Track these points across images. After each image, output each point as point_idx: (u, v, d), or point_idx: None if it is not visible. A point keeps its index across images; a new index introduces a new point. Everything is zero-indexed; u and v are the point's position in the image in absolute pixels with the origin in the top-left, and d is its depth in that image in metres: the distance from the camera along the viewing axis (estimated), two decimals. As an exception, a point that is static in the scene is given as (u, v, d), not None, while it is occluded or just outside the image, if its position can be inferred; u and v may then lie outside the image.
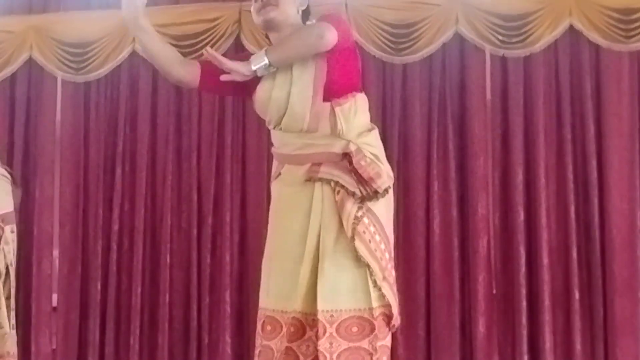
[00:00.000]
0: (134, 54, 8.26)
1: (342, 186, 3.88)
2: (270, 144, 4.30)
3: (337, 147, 3.94)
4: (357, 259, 3.84)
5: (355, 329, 3.83)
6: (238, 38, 8.17)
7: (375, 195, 3.85)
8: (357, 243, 3.82)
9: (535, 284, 7.60)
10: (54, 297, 8.24)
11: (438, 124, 7.91)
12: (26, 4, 8.65)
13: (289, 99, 3.94)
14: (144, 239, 8.20)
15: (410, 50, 7.89)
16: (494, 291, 7.68)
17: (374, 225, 3.85)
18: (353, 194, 3.85)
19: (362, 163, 3.87)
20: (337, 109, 3.94)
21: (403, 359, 7.72)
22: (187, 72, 4.10)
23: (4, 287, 4.67)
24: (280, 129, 4.05)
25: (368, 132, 4.03)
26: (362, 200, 3.84)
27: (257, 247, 7.71)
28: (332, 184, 3.89)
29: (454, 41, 7.88)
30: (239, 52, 7.95)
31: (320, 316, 3.83)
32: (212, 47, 7.92)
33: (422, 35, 7.89)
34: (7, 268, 4.56)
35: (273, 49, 3.82)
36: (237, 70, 3.71)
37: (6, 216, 4.66)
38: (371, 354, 3.78)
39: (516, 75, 7.84)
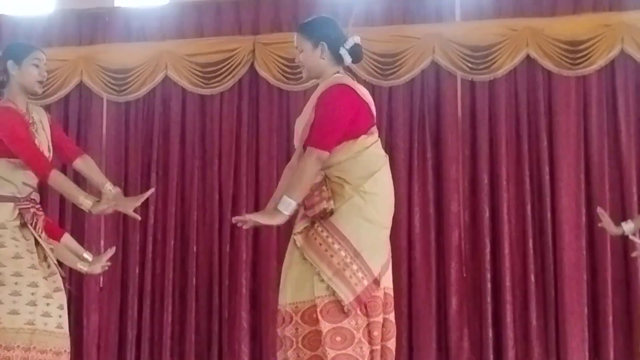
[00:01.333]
0: (166, 79, 8.34)
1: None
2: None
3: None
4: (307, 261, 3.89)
5: (313, 316, 3.83)
6: (252, 65, 8.21)
7: (316, 217, 3.87)
8: (308, 250, 3.86)
9: (498, 269, 7.67)
10: (101, 279, 8.20)
11: (418, 136, 7.96)
12: (77, 37, 8.67)
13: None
14: (175, 231, 8.22)
15: (394, 75, 7.96)
16: (464, 275, 7.74)
17: (328, 233, 3.86)
18: (304, 217, 3.92)
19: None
20: None
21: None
22: None
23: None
24: None
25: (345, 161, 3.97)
26: (313, 219, 3.87)
27: (268, 239, 8.01)
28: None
29: (431, 68, 7.95)
30: (252, 80, 8.17)
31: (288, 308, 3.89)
32: (229, 73, 8.16)
33: (404, 63, 7.95)
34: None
35: (292, 191, 3.80)
36: (272, 223, 3.86)
37: None
38: (320, 332, 3.77)
39: (482, 97, 7.91)
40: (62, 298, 4.38)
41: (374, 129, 4.02)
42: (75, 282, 7.91)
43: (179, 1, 9.00)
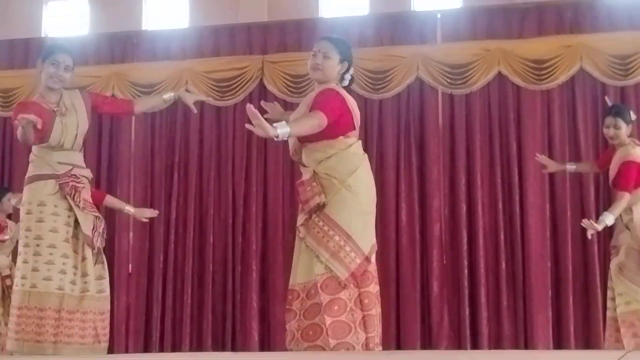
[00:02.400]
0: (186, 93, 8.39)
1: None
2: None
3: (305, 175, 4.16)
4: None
5: (312, 292, 4.02)
6: (261, 81, 8.25)
7: (312, 210, 4.04)
8: (308, 237, 4.06)
9: (474, 257, 7.72)
10: (130, 266, 8.26)
11: (404, 142, 8.00)
12: (109, 56, 8.71)
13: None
14: (194, 225, 8.22)
15: (384, 89, 8.01)
16: (444, 262, 7.79)
17: (324, 222, 4.03)
18: (302, 210, 4.12)
19: (300, 189, 4.11)
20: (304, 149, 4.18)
21: (381, 312, 7.73)
22: None
23: (96, 261, 4.50)
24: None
25: (328, 158, 4.11)
26: (310, 212, 4.05)
27: (275, 231, 8.08)
28: None
29: (416, 83, 7.99)
30: (261, 94, 8.14)
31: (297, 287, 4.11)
32: (241, 88, 8.24)
33: (392, 79, 8.00)
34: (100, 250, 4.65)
35: (293, 126, 3.84)
36: (266, 130, 3.67)
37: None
38: (320, 305, 3.96)
39: (460, 108, 7.96)
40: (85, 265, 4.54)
41: (353, 133, 4.17)
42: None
43: (197, 25, 9.12)
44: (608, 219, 5.49)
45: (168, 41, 8.68)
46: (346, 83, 4.27)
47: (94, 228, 4.51)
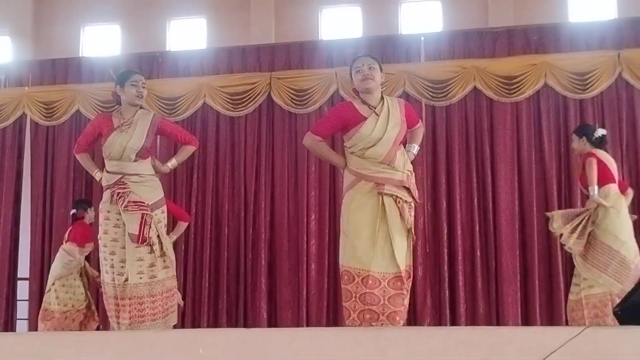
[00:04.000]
0: (204, 105, 8.32)
1: (401, 199, 3.98)
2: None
3: (398, 176, 3.99)
4: (408, 238, 4.02)
5: (398, 283, 3.95)
6: (269, 95, 8.20)
7: (415, 202, 4.10)
8: (411, 228, 4.02)
9: (453, 246, 7.72)
10: None
11: None
12: None
13: (381, 139, 3.97)
14: (211, 218, 8.19)
15: None
16: (427, 251, 7.78)
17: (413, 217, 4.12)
18: (408, 203, 4.01)
19: (412, 186, 4.06)
20: (400, 153, 4.07)
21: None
22: None
23: (161, 249, 4.43)
24: (363, 156, 4.01)
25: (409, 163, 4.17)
26: (410, 205, 4.04)
27: (281, 223, 8.04)
28: (394, 197, 3.96)
29: (403, 96, 7.87)
30: (269, 106, 8.17)
31: (402, 272, 3.95)
32: (251, 100, 8.17)
33: (383, 93, 8.07)
34: (158, 237, 4.45)
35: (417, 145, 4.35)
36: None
37: (156, 204, 4.54)
38: (403, 296, 4.00)
39: (441, 118, 7.95)
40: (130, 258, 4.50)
41: None
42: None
43: (214, 46, 9.17)
44: None
45: (188, 60, 8.68)
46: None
47: (142, 224, 4.44)
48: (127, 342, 3.03)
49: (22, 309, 8.61)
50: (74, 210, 7.41)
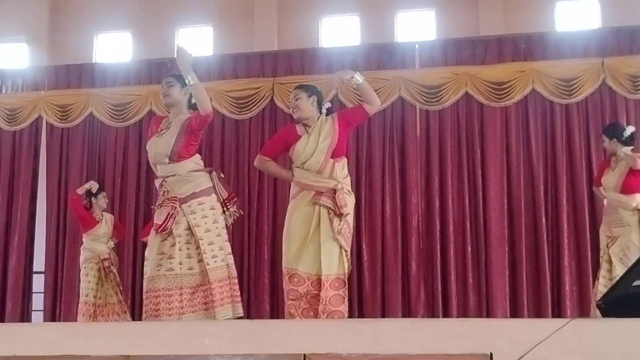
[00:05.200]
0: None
1: (332, 209, 4.21)
2: (288, 167, 4.57)
3: (332, 184, 4.23)
4: (337, 244, 4.18)
5: (336, 284, 4.14)
6: (272, 99, 8.19)
7: (340, 215, 4.19)
8: (339, 236, 4.17)
9: (445, 242, 7.71)
10: None
11: (388, 149, 7.98)
12: (147, 79, 8.61)
13: (315, 151, 4.25)
14: None
15: None
16: (421, 247, 7.76)
17: (347, 226, 4.24)
18: (335, 213, 4.18)
19: (340, 197, 4.20)
20: (336, 164, 4.31)
21: (368, 288, 7.74)
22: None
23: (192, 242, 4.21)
24: (303, 168, 4.30)
25: (345, 178, 4.36)
26: (339, 216, 4.17)
27: (282, 221, 7.72)
28: (327, 209, 4.22)
29: (398, 101, 7.97)
30: (272, 110, 8.17)
31: (322, 277, 4.15)
32: (255, 104, 8.16)
33: (379, 97, 7.76)
34: (189, 229, 4.20)
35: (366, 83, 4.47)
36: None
37: (190, 196, 4.27)
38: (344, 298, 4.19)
39: (434, 121, 7.93)
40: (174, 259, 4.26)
41: None
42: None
43: (220, 53, 9.16)
44: None
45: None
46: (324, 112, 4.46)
47: (168, 216, 4.20)
48: (135, 332, 3.02)
49: (38, 301, 8.62)
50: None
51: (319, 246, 4.20)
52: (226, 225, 4.41)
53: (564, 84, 7.67)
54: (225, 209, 4.38)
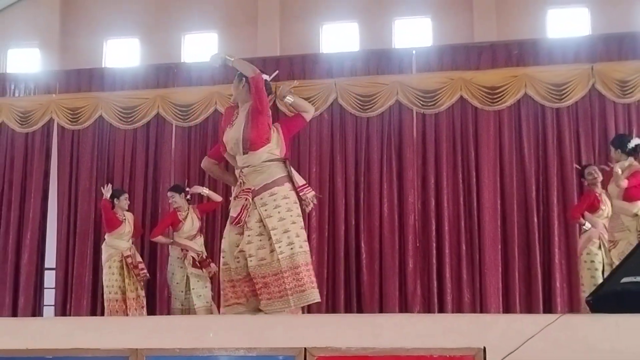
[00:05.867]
0: (215, 111, 8.17)
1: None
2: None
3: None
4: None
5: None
6: (274, 103, 7.73)
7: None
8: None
9: (440, 241, 7.73)
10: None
11: (386, 151, 7.99)
12: (155, 82, 8.65)
13: None
14: (221, 214, 7.89)
15: (371, 109, 8.00)
16: (417, 245, 7.78)
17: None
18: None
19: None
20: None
21: (367, 285, 7.74)
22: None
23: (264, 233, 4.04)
24: None
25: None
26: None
27: None
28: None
29: (396, 105, 7.99)
30: (274, 112, 7.90)
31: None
32: None
33: (377, 101, 7.99)
34: (261, 221, 4.01)
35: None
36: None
37: (263, 187, 4.07)
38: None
39: (430, 124, 7.95)
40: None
41: None
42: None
43: (224, 58, 9.16)
44: None
45: (201, 71, 8.64)
46: None
47: (243, 208, 4.00)
48: (143, 327, 3.02)
49: (49, 296, 8.63)
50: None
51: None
52: (304, 211, 4.14)
53: (555, 88, 7.68)
54: (300, 196, 4.11)
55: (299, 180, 4.11)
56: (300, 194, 4.08)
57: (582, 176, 6.50)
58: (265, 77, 4.17)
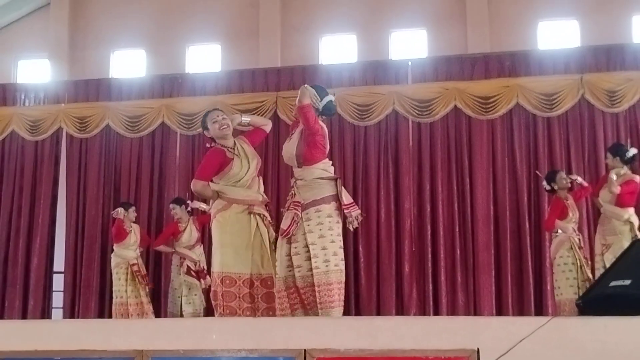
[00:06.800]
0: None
1: (267, 217, 4.23)
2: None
3: (260, 198, 4.26)
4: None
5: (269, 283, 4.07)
6: (275, 112, 8.20)
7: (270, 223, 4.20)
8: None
9: (435, 245, 7.72)
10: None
11: (383, 159, 8.00)
12: (160, 92, 8.65)
13: (248, 171, 4.23)
14: None
15: (368, 118, 8.01)
16: (413, 249, 7.78)
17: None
18: (269, 221, 4.20)
19: (268, 208, 4.27)
20: (259, 179, 4.35)
21: (364, 288, 7.72)
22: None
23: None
24: (235, 185, 4.24)
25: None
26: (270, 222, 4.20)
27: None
28: (262, 215, 4.20)
29: (392, 114, 8.00)
30: (276, 122, 7.84)
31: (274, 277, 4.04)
32: (261, 116, 8.15)
33: (374, 110, 8.00)
34: (304, 235, 4.06)
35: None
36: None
37: (311, 203, 4.09)
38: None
39: (426, 133, 7.96)
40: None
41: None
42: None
43: (227, 69, 9.19)
44: None
45: (204, 81, 8.68)
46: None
47: (291, 221, 4.05)
48: (148, 329, 3.02)
49: (58, 299, 8.63)
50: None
51: (259, 249, 4.15)
52: (349, 229, 4.23)
53: (545, 98, 7.70)
54: (345, 214, 4.18)
55: (346, 199, 4.16)
56: (346, 212, 4.13)
57: (548, 182, 6.42)
58: (331, 98, 4.24)
